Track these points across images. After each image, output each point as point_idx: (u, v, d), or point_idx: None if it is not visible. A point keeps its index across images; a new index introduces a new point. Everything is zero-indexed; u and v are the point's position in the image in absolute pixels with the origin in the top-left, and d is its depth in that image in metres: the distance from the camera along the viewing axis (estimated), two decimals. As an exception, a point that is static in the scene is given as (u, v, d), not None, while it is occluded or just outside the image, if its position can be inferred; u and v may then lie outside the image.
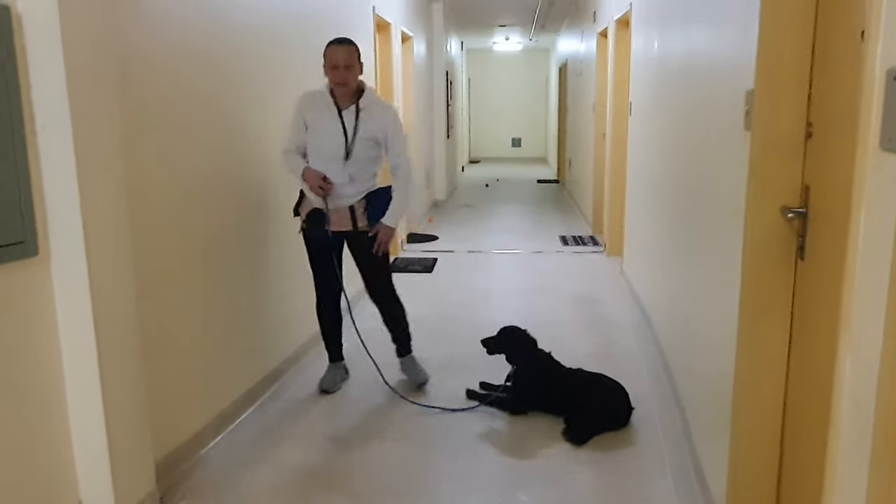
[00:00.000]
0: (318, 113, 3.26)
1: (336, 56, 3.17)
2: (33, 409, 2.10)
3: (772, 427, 2.03)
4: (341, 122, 3.23)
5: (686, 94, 3.21)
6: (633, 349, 4.20)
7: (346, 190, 3.29)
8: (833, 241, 1.67)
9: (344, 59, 3.17)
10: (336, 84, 3.20)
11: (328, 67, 3.20)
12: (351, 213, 3.34)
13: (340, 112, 3.24)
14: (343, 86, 3.20)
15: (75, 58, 2.04)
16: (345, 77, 3.18)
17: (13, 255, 1.98)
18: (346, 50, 3.19)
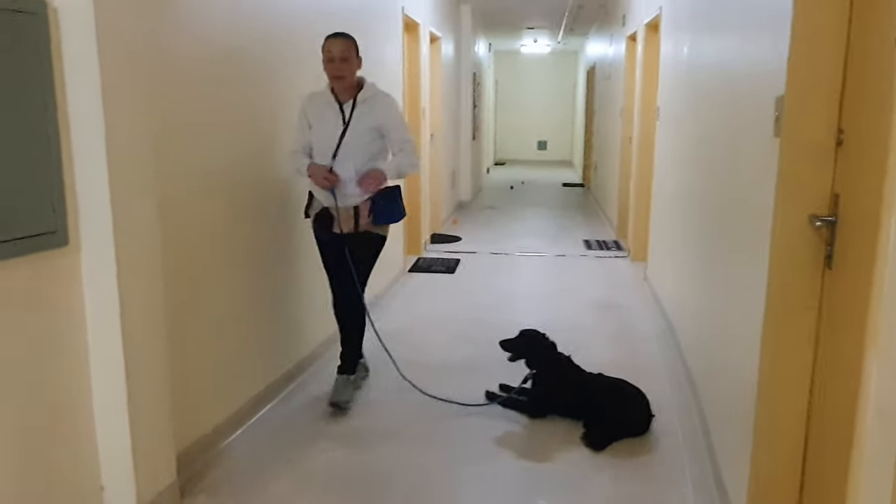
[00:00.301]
0: (319, 110, 3.22)
1: (332, 49, 3.10)
2: (59, 397, 2.13)
3: (795, 437, 2.00)
4: (342, 117, 3.19)
5: (715, 100, 3.18)
6: (656, 356, 4.16)
7: (351, 188, 3.21)
8: (862, 250, 1.65)
9: (339, 51, 3.10)
10: (332, 77, 3.14)
11: (325, 61, 3.13)
12: (355, 214, 3.25)
13: (342, 107, 3.19)
14: (340, 79, 3.13)
15: (109, 53, 2.07)
16: (341, 70, 3.11)
17: (44, 245, 2.02)
18: (342, 42, 3.12)
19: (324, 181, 3.14)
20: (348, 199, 3.23)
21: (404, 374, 3.50)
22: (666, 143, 4.91)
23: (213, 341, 2.92)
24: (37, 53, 1.96)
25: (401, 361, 3.60)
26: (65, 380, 2.15)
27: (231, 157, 2.99)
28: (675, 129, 4.45)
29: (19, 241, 1.93)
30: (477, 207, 10.49)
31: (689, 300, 3.72)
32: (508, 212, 10.16)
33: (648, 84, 6.04)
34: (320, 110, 3.21)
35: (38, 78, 1.97)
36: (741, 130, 2.58)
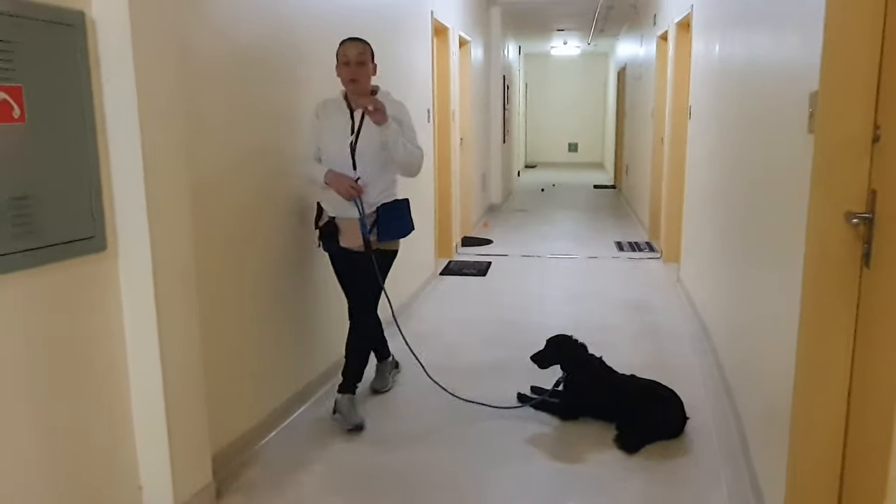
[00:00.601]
0: (330, 117, 3.14)
1: (347, 52, 3.02)
2: (99, 399, 2.18)
3: (833, 439, 1.96)
4: (352, 123, 3.10)
5: (747, 97, 3.14)
6: (689, 358, 4.11)
7: (363, 198, 3.10)
8: (900, 248, 1.61)
9: (356, 55, 3.01)
10: (347, 81, 3.04)
11: (340, 65, 3.06)
12: (362, 228, 3.10)
13: (353, 114, 3.11)
14: (354, 83, 3.04)
15: (144, 62, 2.12)
16: (356, 73, 3.02)
17: (83, 250, 2.07)
18: (359, 46, 3.04)
19: (350, 191, 3.04)
20: (350, 210, 3.11)
21: (433, 376, 3.49)
22: (698, 143, 4.86)
23: (246, 344, 2.97)
24: (75, 63, 2.01)
25: (432, 363, 3.61)
26: (104, 383, 2.20)
27: (262, 163, 3.03)
28: (708, 129, 4.40)
29: (58, 247, 1.98)
30: (507, 210, 10.47)
31: (722, 301, 3.67)
32: (539, 214, 10.12)
33: (680, 83, 5.98)
34: (332, 117, 3.14)
35: (77, 87, 2.03)
36: (774, 128, 2.54)
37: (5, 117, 1.82)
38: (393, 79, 4.77)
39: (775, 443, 2.25)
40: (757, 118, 2.90)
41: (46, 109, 1.93)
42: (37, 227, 1.92)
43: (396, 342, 3.72)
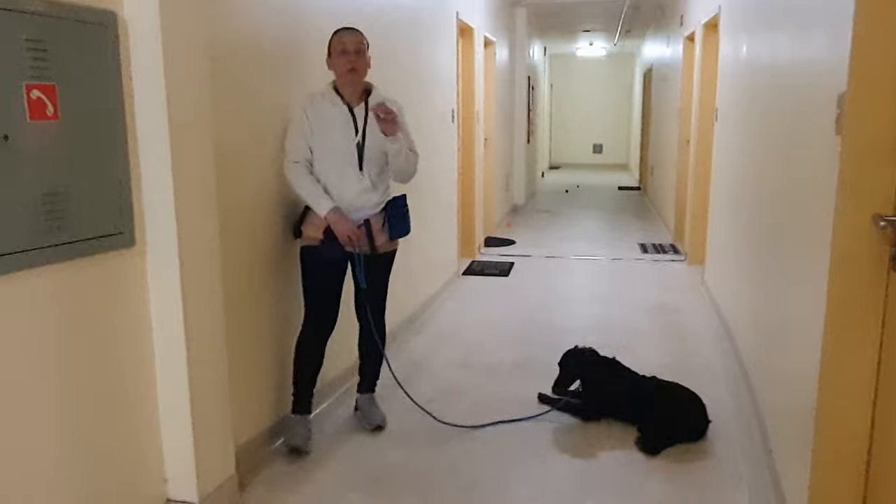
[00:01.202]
0: (327, 114, 2.86)
1: (345, 41, 2.83)
2: (126, 393, 2.23)
3: (858, 443, 1.94)
4: (353, 122, 2.87)
5: (775, 98, 3.10)
6: (712, 361, 4.08)
7: (368, 198, 2.93)
8: (928, 251, 1.59)
9: (354, 43, 2.83)
10: (346, 72, 2.82)
11: (336, 54, 2.83)
12: (367, 230, 2.94)
13: (352, 110, 2.88)
14: (353, 73, 2.83)
15: (173, 60, 2.16)
16: (355, 63, 2.82)
17: (112, 245, 2.12)
18: (357, 35, 2.86)
19: (349, 240, 2.84)
20: (359, 213, 2.93)
21: (431, 411, 3.32)
22: (724, 144, 4.81)
23: (269, 340, 3.00)
24: (106, 62, 2.06)
25: (453, 362, 3.62)
26: (130, 377, 2.24)
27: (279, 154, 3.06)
28: (734, 130, 4.36)
29: (88, 242, 2.03)
30: (531, 211, 10.45)
31: (747, 303, 3.63)
32: (563, 215, 10.09)
33: (707, 85, 5.93)
34: (328, 114, 2.86)
35: (108, 86, 2.07)
36: (802, 129, 2.52)
37: (40, 115, 1.86)
38: (418, 79, 4.80)
39: (799, 447, 2.22)
40: (784, 119, 2.87)
41: (79, 108, 1.98)
42: (68, 222, 1.96)
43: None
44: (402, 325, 4.42)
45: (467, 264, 6.65)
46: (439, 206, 5.48)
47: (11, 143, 1.79)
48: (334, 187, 2.88)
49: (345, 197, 2.88)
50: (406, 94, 4.48)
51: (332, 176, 2.88)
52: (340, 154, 2.87)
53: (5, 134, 1.77)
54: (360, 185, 2.90)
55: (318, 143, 2.86)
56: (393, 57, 4.22)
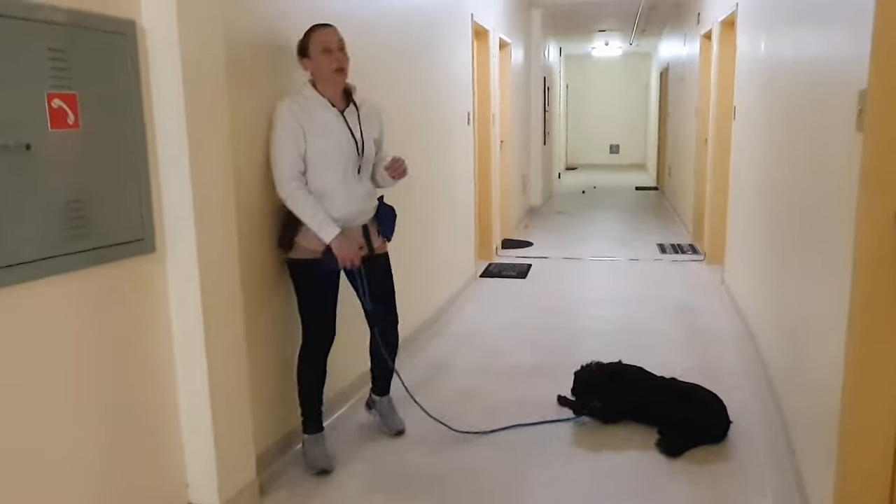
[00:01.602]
0: (318, 118, 2.69)
1: (327, 38, 2.67)
2: (147, 398, 2.25)
3: (883, 447, 1.91)
4: (347, 126, 2.75)
5: (794, 96, 3.07)
6: (734, 362, 4.04)
7: (369, 203, 2.87)
8: (954, 249, 1.56)
9: (337, 40, 2.69)
10: (334, 71, 2.67)
11: (317, 53, 2.66)
12: (365, 235, 2.88)
13: (343, 113, 2.76)
14: (342, 72, 2.69)
15: (192, 69, 2.18)
16: (342, 61, 2.69)
17: (133, 252, 2.14)
18: (335, 31, 2.71)
19: (349, 261, 2.73)
20: (360, 218, 2.86)
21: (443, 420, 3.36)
22: (743, 143, 4.77)
23: (289, 345, 3.01)
24: (126, 71, 2.08)
25: (472, 365, 3.62)
26: (152, 382, 2.26)
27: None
28: (753, 129, 4.32)
29: (110, 248, 2.05)
30: (548, 212, 10.42)
31: (768, 303, 3.59)
32: (580, 216, 10.05)
33: (724, 83, 5.88)
34: (319, 118, 2.70)
35: (128, 94, 2.09)
36: (822, 127, 2.49)
37: (61, 124, 1.89)
38: (433, 81, 4.81)
39: (823, 449, 2.19)
40: (804, 117, 2.84)
41: (99, 116, 2.00)
42: (89, 229, 1.98)
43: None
44: (420, 328, 4.42)
45: (485, 266, 6.64)
46: (456, 208, 5.48)
47: (33, 152, 1.81)
48: (336, 196, 2.74)
49: (350, 205, 2.78)
50: (421, 96, 4.49)
51: (332, 184, 2.73)
52: (341, 161, 2.73)
53: (27, 143, 1.80)
54: (362, 191, 2.82)
55: (314, 152, 2.68)
56: (408, 59, 4.23)
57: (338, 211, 2.75)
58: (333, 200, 2.74)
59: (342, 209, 2.76)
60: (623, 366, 3.41)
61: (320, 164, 2.71)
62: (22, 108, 1.79)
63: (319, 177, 2.72)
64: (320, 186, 2.72)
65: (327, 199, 2.74)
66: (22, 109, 1.79)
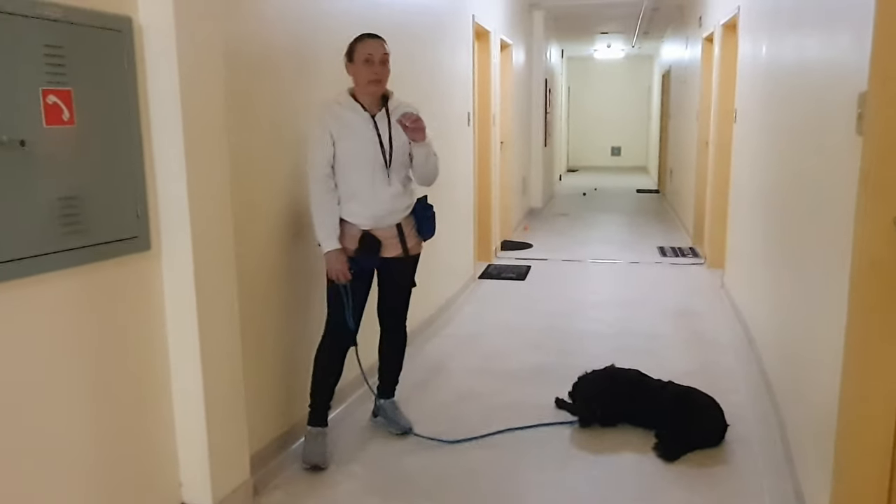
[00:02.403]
0: (348, 122, 2.81)
1: (371, 49, 2.77)
2: (141, 397, 2.24)
3: (881, 451, 1.90)
4: (376, 129, 2.83)
5: (795, 99, 3.06)
6: (733, 365, 4.03)
7: (399, 203, 2.91)
8: (954, 254, 1.55)
9: (381, 54, 2.78)
10: (370, 82, 2.78)
11: (359, 62, 2.78)
12: (399, 234, 2.94)
13: (373, 118, 2.84)
14: (378, 84, 2.80)
15: (188, 67, 2.17)
16: (380, 74, 2.79)
17: (128, 249, 2.13)
18: (382, 44, 2.80)
19: (339, 276, 2.80)
20: (390, 217, 2.91)
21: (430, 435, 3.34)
22: (744, 146, 4.76)
23: (285, 346, 3.00)
24: (122, 68, 2.07)
25: (471, 368, 3.61)
26: (146, 381, 2.25)
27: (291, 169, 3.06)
28: (754, 132, 4.31)
29: (104, 246, 2.04)
30: (548, 214, 10.41)
31: (768, 307, 3.58)
32: (581, 219, 10.04)
33: (725, 86, 5.87)
34: (349, 122, 2.81)
35: (124, 91, 2.08)
36: (822, 130, 2.48)
37: (56, 120, 1.88)
38: (433, 82, 4.80)
39: (821, 453, 2.18)
40: (804, 120, 2.83)
41: (95, 113, 1.99)
42: (84, 226, 1.97)
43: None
44: (419, 329, 4.41)
45: (484, 268, 6.63)
46: (456, 209, 5.47)
47: (28, 149, 1.80)
48: (364, 196, 2.83)
49: (378, 205, 2.85)
50: (422, 96, 4.48)
51: (360, 185, 2.83)
52: (368, 162, 2.82)
53: (22, 139, 1.78)
54: (391, 191, 2.87)
55: (343, 153, 2.81)
56: (409, 60, 4.22)
57: (366, 210, 2.85)
58: (361, 200, 2.84)
59: (370, 209, 2.85)
60: (617, 369, 3.39)
61: (348, 164, 2.82)
62: (17, 103, 1.78)
63: (348, 177, 2.83)
64: (349, 186, 2.84)
65: (355, 199, 2.84)
66: (17, 105, 1.78)
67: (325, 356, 2.96)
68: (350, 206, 2.85)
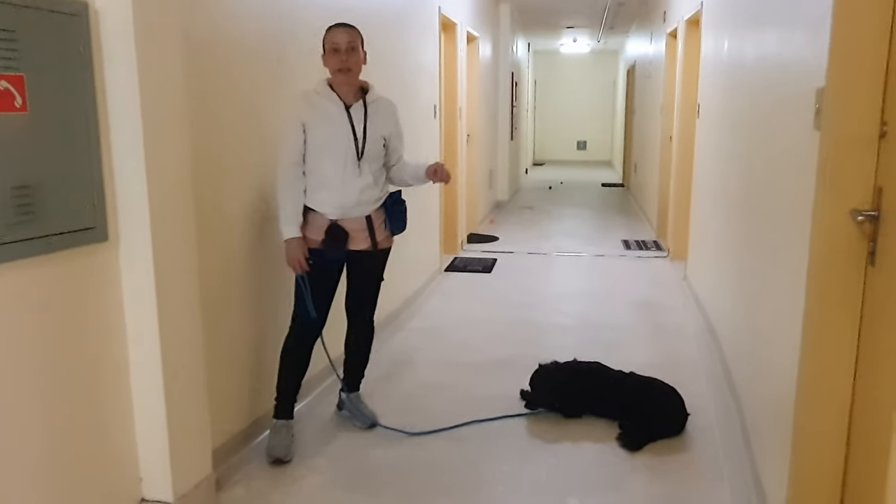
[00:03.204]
0: (322, 110, 2.81)
1: (336, 38, 2.78)
2: (98, 389, 2.18)
3: (836, 438, 1.94)
4: (349, 120, 2.83)
5: (755, 94, 3.11)
6: (694, 356, 4.09)
7: (369, 195, 2.90)
8: (906, 245, 1.59)
9: (346, 41, 2.77)
10: (338, 70, 2.78)
11: (328, 52, 2.80)
12: (368, 227, 2.93)
13: (348, 109, 2.83)
14: (346, 72, 2.79)
15: (146, 53, 2.12)
16: (348, 62, 2.77)
17: (84, 240, 2.07)
18: (348, 32, 2.80)
19: (297, 266, 2.80)
20: (359, 209, 2.89)
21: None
22: (706, 141, 4.83)
23: (247, 339, 2.97)
24: (78, 53, 2.01)
25: (437, 360, 3.61)
26: (103, 374, 2.20)
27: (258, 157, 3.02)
28: (716, 127, 4.37)
29: (59, 237, 1.98)
30: (514, 207, 10.45)
31: (728, 299, 3.64)
32: (546, 212, 10.10)
33: (689, 81, 5.95)
34: (324, 110, 2.82)
35: (79, 77, 2.02)
36: (781, 125, 2.52)
37: (7, 107, 1.82)
38: (400, 74, 4.77)
39: (779, 440, 2.23)
40: (764, 115, 2.88)
41: (49, 99, 1.93)
42: (38, 216, 1.92)
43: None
44: (385, 322, 4.39)
45: (450, 261, 6.63)
46: (421, 202, 5.45)
47: (-22, 136, 1.74)
48: (334, 185, 2.83)
49: (346, 195, 2.84)
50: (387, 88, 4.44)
51: (331, 173, 2.82)
52: (340, 152, 2.82)
53: (-29, 126, 1.73)
54: (361, 183, 2.87)
55: (315, 140, 2.80)
56: (374, 51, 4.17)
57: (334, 199, 2.84)
58: (330, 189, 2.84)
59: (338, 198, 2.84)
60: (580, 363, 3.42)
61: (320, 152, 2.82)
62: (-35, 89, 1.73)
63: (319, 165, 2.83)
64: (319, 174, 2.83)
65: (324, 187, 2.84)
66: (-35, 91, 1.73)
67: (290, 348, 2.95)
68: (318, 195, 2.84)
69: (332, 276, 2.95)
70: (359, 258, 2.97)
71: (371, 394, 3.45)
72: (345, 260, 2.97)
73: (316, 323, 2.90)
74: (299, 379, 2.98)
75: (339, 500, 2.62)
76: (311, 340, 2.95)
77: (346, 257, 2.95)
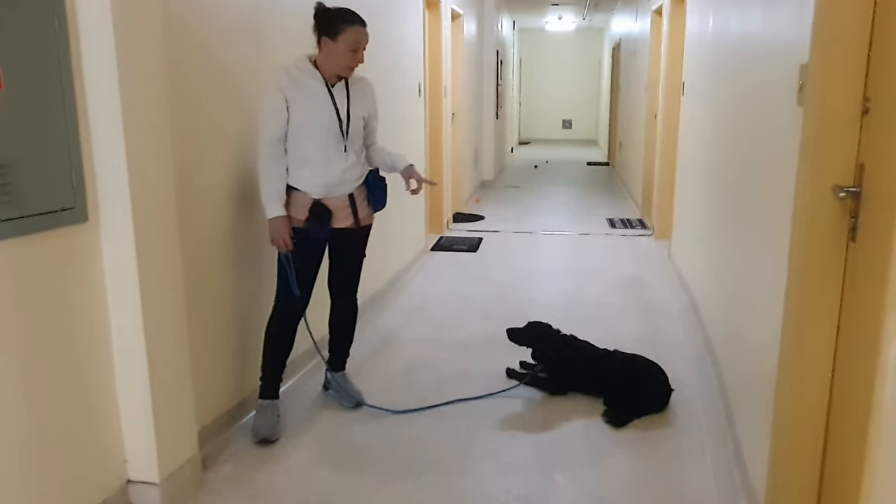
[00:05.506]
0: (305, 86, 2.76)
1: (362, 38, 2.77)
2: (81, 371, 2.17)
3: (816, 413, 1.97)
4: (332, 100, 2.80)
5: (739, 71, 3.11)
6: (678, 333, 4.13)
7: (352, 173, 2.90)
8: (887, 221, 1.60)
9: (367, 42, 2.81)
10: (347, 68, 2.78)
11: (346, 49, 2.74)
12: (351, 204, 2.93)
13: (330, 88, 2.81)
14: (352, 71, 2.82)
15: (124, 29, 2.08)
16: (358, 62, 2.81)
17: (64, 221, 2.05)
18: (367, 32, 2.81)
19: (281, 244, 2.77)
20: (341, 187, 2.89)
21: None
22: (691, 119, 4.83)
23: (233, 319, 2.95)
24: (53, 30, 1.97)
25: (422, 338, 3.62)
26: (86, 355, 2.18)
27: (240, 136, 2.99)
28: (700, 104, 4.37)
29: (38, 217, 1.95)
30: (500, 186, 10.44)
31: (712, 276, 3.67)
32: (532, 191, 10.10)
33: (674, 59, 5.94)
34: (307, 86, 2.77)
35: (55, 54, 1.98)
36: (765, 101, 2.52)
37: (-19, 84, 1.78)
38: (383, 52, 4.72)
39: (760, 415, 2.26)
40: (748, 92, 2.88)
41: (25, 77, 1.89)
42: (15, 196, 1.89)
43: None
44: (370, 301, 4.39)
45: (436, 240, 6.63)
46: (407, 181, 5.42)
47: (-48, 114, 1.71)
48: (317, 164, 2.80)
49: (330, 174, 2.83)
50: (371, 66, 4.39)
51: (313, 152, 2.79)
52: (323, 130, 2.79)
53: (-56, 104, 1.69)
54: (345, 163, 2.86)
55: (297, 117, 2.75)
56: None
57: (317, 178, 2.82)
58: (313, 167, 2.81)
59: (322, 177, 2.83)
60: (573, 336, 3.43)
61: (302, 130, 2.77)
62: (-63, 66, 1.69)
63: (301, 143, 2.78)
64: (301, 152, 2.79)
65: (307, 166, 2.81)
66: (-63, 68, 1.69)
67: (274, 327, 2.95)
68: (301, 173, 2.81)
69: (315, 255, 2.94)
70: (341, 236, 2.97)
71: (357, 372, 3.46)
72: (327, 238, 2.96)
73: (299, 301, 2.89)
74: (284, 358, 2.98)
75: (326, 477, 2.64)
76: (295, 319, 2.95)
77: (329, 235, 2.93)
